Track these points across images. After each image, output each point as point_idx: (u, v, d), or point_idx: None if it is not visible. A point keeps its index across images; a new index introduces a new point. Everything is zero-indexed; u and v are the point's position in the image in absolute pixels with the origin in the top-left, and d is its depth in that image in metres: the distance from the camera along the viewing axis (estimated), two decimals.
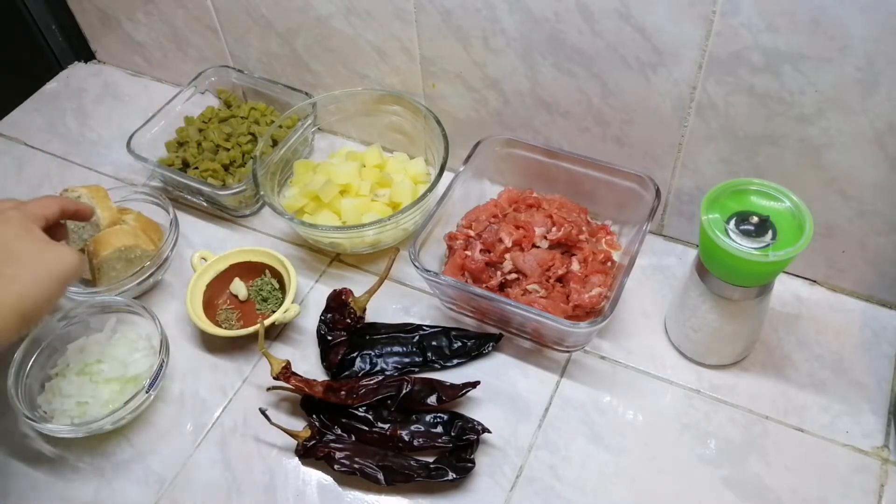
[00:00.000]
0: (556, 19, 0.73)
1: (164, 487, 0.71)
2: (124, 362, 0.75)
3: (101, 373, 0.74)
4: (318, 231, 0.82)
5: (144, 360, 0.75)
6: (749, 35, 0.65)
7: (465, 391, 0.72)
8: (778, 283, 0.69)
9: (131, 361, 0.75)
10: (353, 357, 0.78)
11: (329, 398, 0.72)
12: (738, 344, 0.74)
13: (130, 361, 0.75)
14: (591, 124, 0.81)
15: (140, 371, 0.75)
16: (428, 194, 0.82)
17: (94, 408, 0.72)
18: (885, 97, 0.63)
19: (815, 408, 0.72)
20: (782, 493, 0.67)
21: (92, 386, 0.73)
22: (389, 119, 0.93)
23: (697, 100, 0.72)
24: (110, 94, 1.12)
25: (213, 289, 0.83)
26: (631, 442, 0.71)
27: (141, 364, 0.75)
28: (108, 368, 0.74)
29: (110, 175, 1.00)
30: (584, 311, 0.77)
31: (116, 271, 0.82)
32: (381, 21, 0.84)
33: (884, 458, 0.69)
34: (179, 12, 0.99)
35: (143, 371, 0.75)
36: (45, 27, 1.11)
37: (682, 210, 0.83)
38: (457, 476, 0.68)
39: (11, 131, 1.07)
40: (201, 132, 0.97)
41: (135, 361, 0.75)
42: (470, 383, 0.73)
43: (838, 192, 0.72)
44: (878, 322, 0.78)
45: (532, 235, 0.80)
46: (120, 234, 0.82)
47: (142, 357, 0.76)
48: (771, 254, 0.62)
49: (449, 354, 0.77)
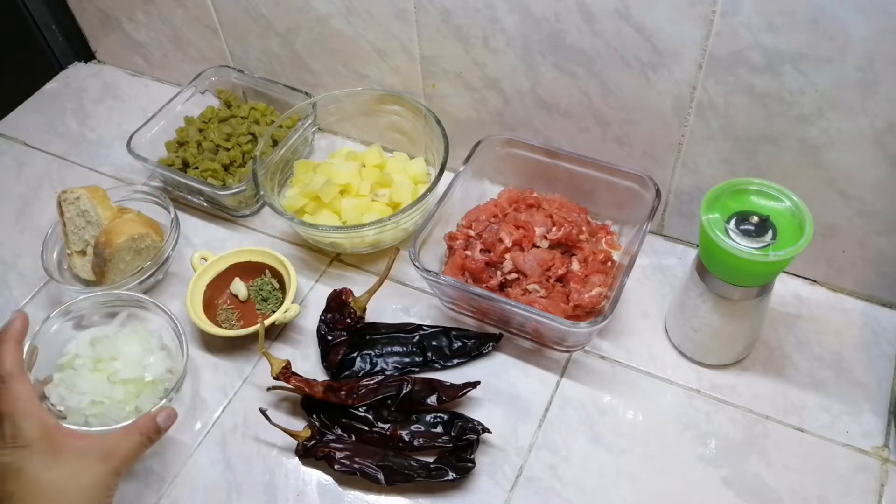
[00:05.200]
0: (556, 19, 0.73)
1: (165, 487, 0.71)
2: (141, 363, 0.74)
3: (118, 373, 0.73)
4: (318, 231, 0.82)
5: (161, 364, 0.75)
6: (749, 35, 0.65)
7: (466, 391, 0.72)
8: (778, 283, 0.69)
9: (147, 364, 0.74)
10: (353, 357, 0.78)
11: (329, 398, 0.72)
12: (738, 344, 0.74)
13: (147, 364, 0.74)
14: (591, 124, 0.81)
15: (157, 374, 0.74)
16: (428, 194, 0.82)
17: (109, 408, 0.72)
18: (885, 97, 0.63)
19: (815, 407, 0.72)
20: (782, 492, 0.67)
21: (108, 386, 0.72)
22: (389, 119, 0.93)
23: (697, 100, 0.72)
24: (110, 94, 1.12)
25: (213, 289, 0.83)
26: (631, 442, 0.71)
27: (157, 367, 0.74)
28: (123, 368, 0.73)
29: (110, 175, 1.00)
30: (584, 311, 0.77)
31: (125, 263, 0.82)
32: (381, 21, 0.84)
33: (884, 457, 0.69)
34: (179, 12, 0.99)
35: (159, 374, 0.74)
36: (45, 27, 1.11)
37: (683, 210, 0.83)
38: (457, 476, 0.68)
39: (11, 131, 1.07)
40: (201, 132, 0.97)
41: (151, 365, 0.74)
42: (470, 383, 0.73)
43: (838, 192, 0.72)
44: (878, 322, 0.78)
45: (532, 235, 0.80)
46: (130, 224, 0.83)
47: (157, 360, 0.75)
48: (771, 254, 0.62)
49: (449, 354, 0.77)
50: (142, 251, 0.84)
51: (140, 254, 0.84)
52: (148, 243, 0.84)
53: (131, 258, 0.83)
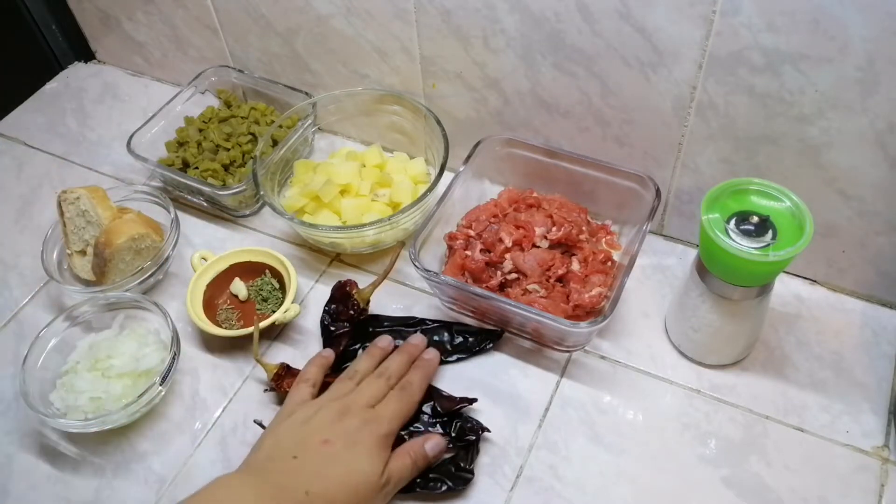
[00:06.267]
0: (556, 19, 0.73)
1: (165, 487, 0.71)
2: (135, 357, 0.75)
3: (113, 368, 0.74)
4: (318, 231, 0.82)
5: (155, 355, 0.75)
6: (749, 35, 0.65)
7: (462, 406, 0.72)
8: (778, 282, 0.69)
9: (142, 356, 0.75)
10: (355, 348, 0.78)
11: None
12: (738, 344, 0.74)
13: (141, 356, 0.75)
14: (591, 124, 0.81)
15: (151, 365, 0.75)
16: (428, 194, 0.82)
17: (107, 403, 0.72)
18: (885, 97, 0.63)
19: (815, 407, 0.72)
20: (782, 492, 0.67)
21: (104, 381, 0.73)
22: (389, 119, 0.93)
23: (697, 99, 0.72)
24: (110, 94, 1.12)
25: (213, 289, 0.83)
26: (631, 442, 0.71)
27: (152, 358, 0.75)
28: (119, 363, 0.74)
29: (110, 175, 1.00)
30: (584, 311, 0.77)
31: (125, 263, 0.82)
32: (381, 21, 0.84)
33: (884, 457, 0.69)
34: (179, 12, 0.99)
35: (154, 365, 0.75)
36: (45, 27, 1.11)
37: (683, 210, 0.83)
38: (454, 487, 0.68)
39: (11, 131, 1.07)
40: (201, 132, 0.97)
41: (146, 356, 0.75)
42: (467, 399, 0.72)
43: (838, 192, 0.72)
44: (878, 322, 0.78)
45: (532, 235, 0.80)
46: (130, 224, 0.83)
47: (152, 351, 0.76)
48: (771, 254, 0.62)
49: (450, 350, 0.77)
50: (142, 251, 0.84)
51: (140, 254, 0.84)
52: (148, 243, 0.84)
53: (131, 258, 0.83)
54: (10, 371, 0.80)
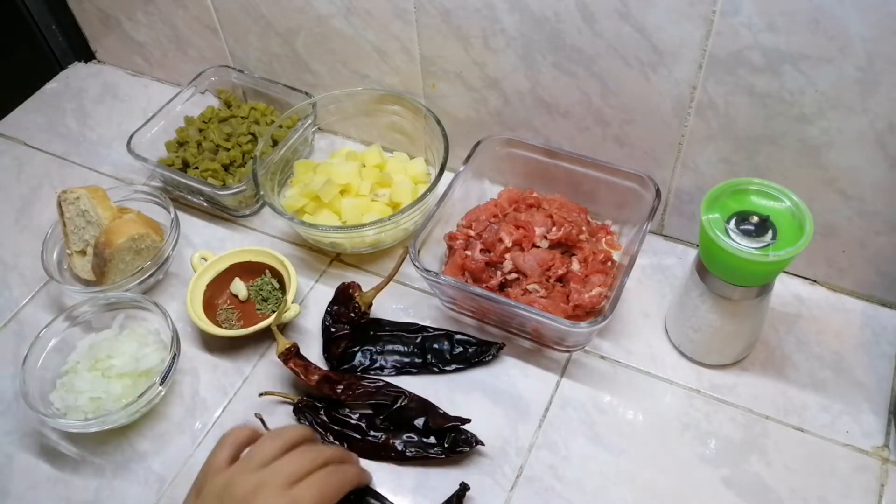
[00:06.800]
0: (556, 19, 0.73)
1: (165, 487, 0.71)
2: (135, 357, 0.75)
3: (113, 368, 0.74)
4: (318, 231, 0.82)
5: (155, 355, 0.76)
6: (749, 35, 0.65)
7: (454, 424, 0.71)
8: (778, 282, 0.69)
9: (142, 356, 0.75)
10: (354, 351, 0.78)
11: (322, 389, 0.72)
12: (738, 344, 0.74)
13: (141, 356, 0.75)
14: (591, 124, 0.81)
15: (151, 365, 0.75)
16: (428, 194, 0.82)
17: (107, 403, 0.72)
18: (885, 97, 0.63)
19: (815, 407, 0.72)
20: (782, 492, 0.67)
21: (104, 381, 0.73)
22: (389, 119, 0.93)
23: (697, 99, 0.72)
24: (110, 94, 1.12)
25: (213, 289, 0.83)
26: (631, 442, 0.71)
27: (152, 358, 0.75)
28: (119, 363, 0.74)
29: (110, 175, 1.00)
30: (584, 311, 0.77)
31: (125, 263, 0.83)
32: (381, 21, 0.84)
33: (884, 457, 0.69)
34: (179, 12, 0.99)
35: (154, 365, 0.75)
36: (45, 27, 1.11)
37: (683, 210, 0.83)
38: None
39: (11, 131, 1.07)
40: (201, 132, 0.97)
41: (146, 356, 0.75)
42: (460, 418, 0.71)
43: (838, 192, 0.72)
44: (878, 322, 0.78)
45: (532, 235, 0.80)
46: (130, 224, 0.83)
47: (152, 351, 0.76)
48: (771, 254, 0.62)
49: (449, 359, 0.77)
50: (142, 251, 0.84)
51: (140, 254, 0.84)
52: (148, 243, 0.84)
53: (131, 258, 0.83)
54: (10, 371, 0.80)
